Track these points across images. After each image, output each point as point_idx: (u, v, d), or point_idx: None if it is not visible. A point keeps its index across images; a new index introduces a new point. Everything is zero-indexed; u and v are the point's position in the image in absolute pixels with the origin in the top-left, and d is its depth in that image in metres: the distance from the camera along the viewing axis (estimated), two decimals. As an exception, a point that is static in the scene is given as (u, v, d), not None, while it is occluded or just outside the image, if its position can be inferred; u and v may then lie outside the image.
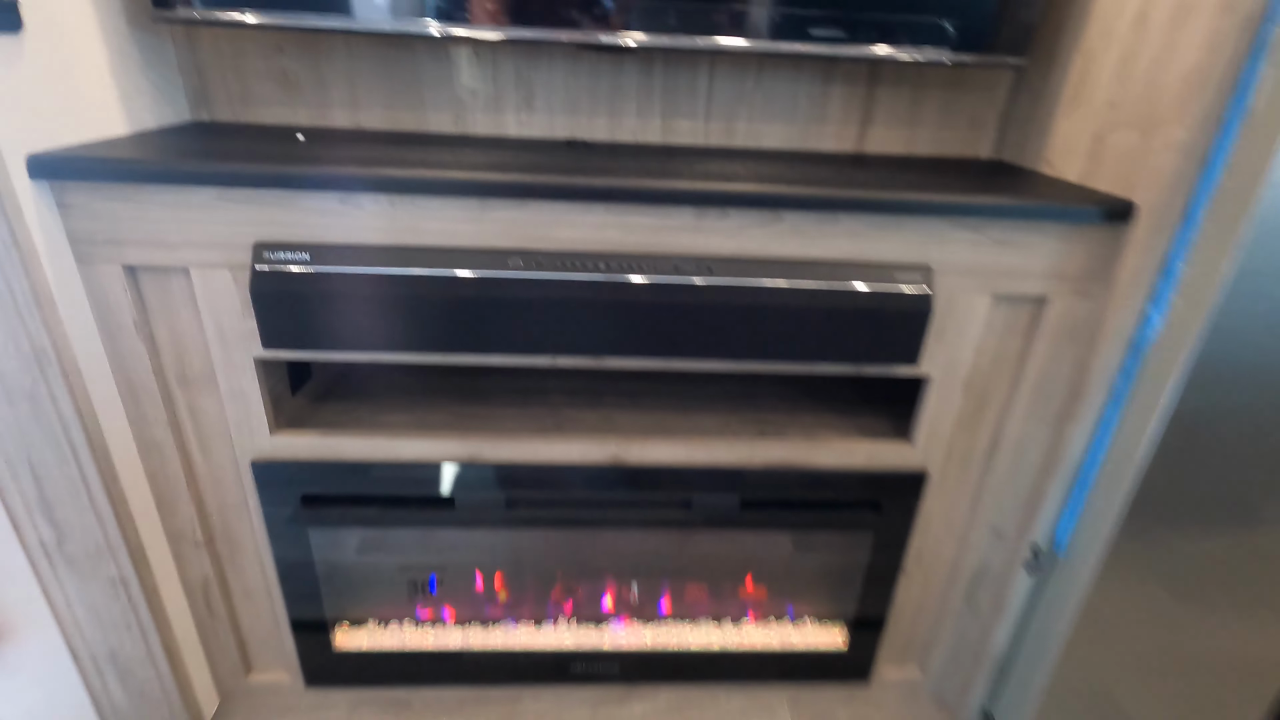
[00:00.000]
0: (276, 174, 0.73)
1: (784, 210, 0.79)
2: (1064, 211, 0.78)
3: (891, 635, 1.12)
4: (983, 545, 1.02)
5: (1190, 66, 0.72)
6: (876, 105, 1.04)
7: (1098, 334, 0.84)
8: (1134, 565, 0.90)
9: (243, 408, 0.86)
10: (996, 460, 0.95)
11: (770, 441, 0.94)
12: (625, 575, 1.10)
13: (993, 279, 0.83)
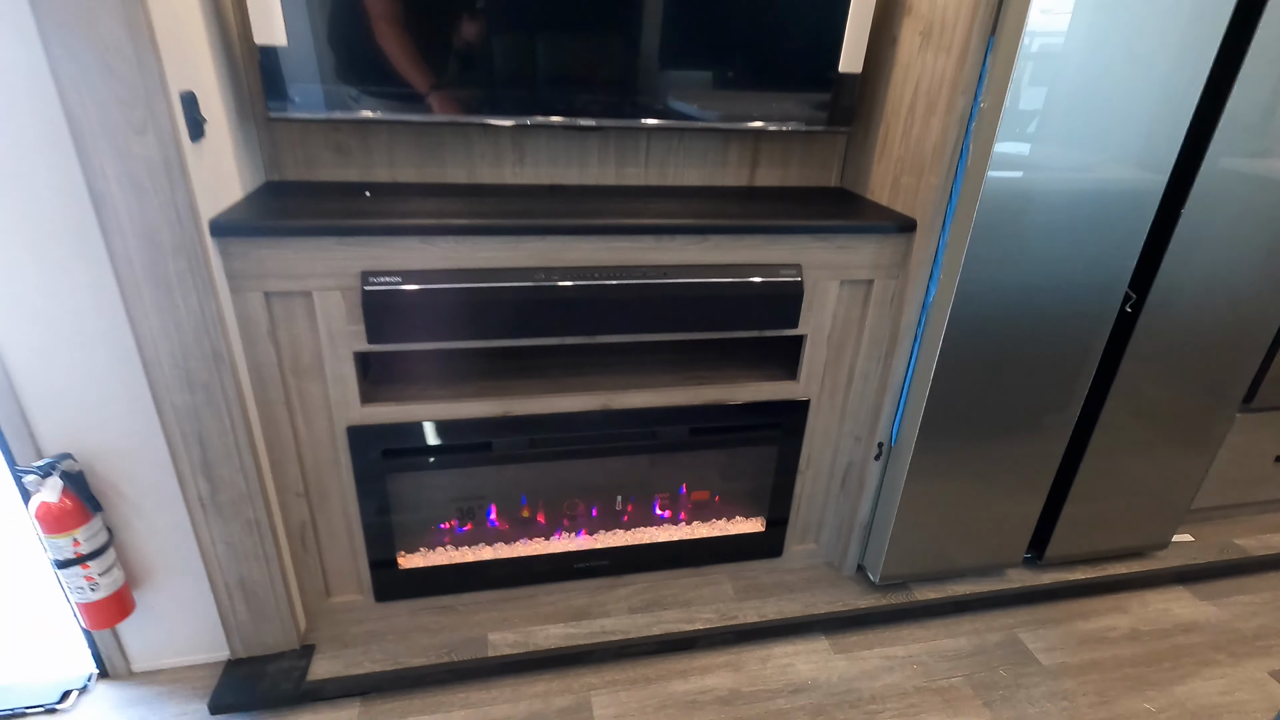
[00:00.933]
0: (378, 226, 1.10)
1: (709, 234, 1.24)
2: (877, 227, 1.28)
3: (794, 520, 1.60)
4: (848, 447, 1.52)
5: (937, 139, 1.23)
6: (761, 154, 1.51)
7: (903, 302, 1.35)
8: (933, 451, 1.42)
9: (341, 389, 1.22)
10: (851, 388, 1.45)
11: (706, 387, 1.39)
12: (612, 492, 1.52)
13: (839, 270, 1.32)
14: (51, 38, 0.85)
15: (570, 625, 1.46)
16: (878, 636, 1.53)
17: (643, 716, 1.31)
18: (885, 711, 1.35)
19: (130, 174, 0.93)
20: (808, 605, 1.54)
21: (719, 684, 1.39)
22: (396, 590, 1.45)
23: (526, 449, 1.36)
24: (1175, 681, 1.45)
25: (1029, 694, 1.41)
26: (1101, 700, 1.40)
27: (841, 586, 1.61)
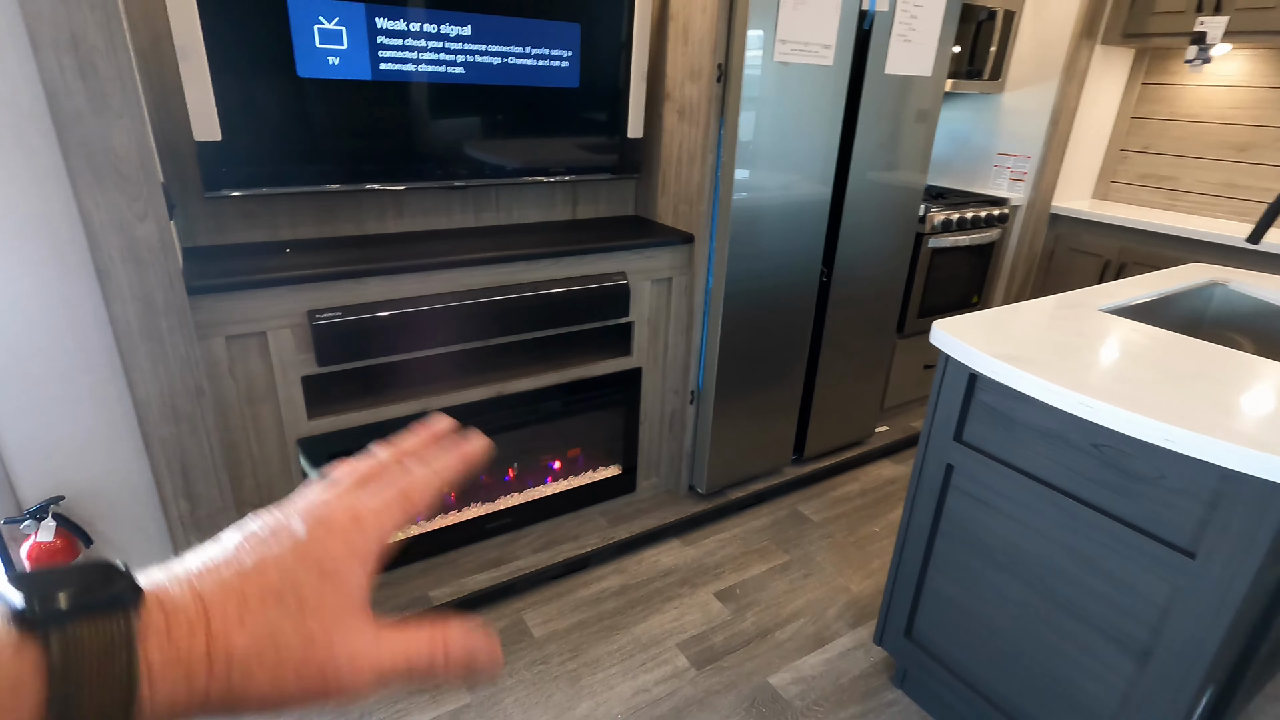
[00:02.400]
0: (322, 273, 1.43)
1: (559, 257, 1.74)
2: (670, 241, 1.88)
3: (641, 461, 2.15)
4: (670, 399, 2.12)
5: (698, 180, 1.86)
6: (579, 196, 2.05)
7: (693, 290, 1.97)
8: (727, 393, 2.07)
9: (291, 408, 1.50)
10: (667, 356, 2.05)
11: (570, 368, 1.88)
12: (508, 461, 1.94)
13: (649, 273, 1.90)
14: (71, 151, 1.10)
15: (492, 571, 1.85)
16: (711, 529, 2.14)
17: (564, 618, 1.76)
18: (725, 569, 1.96)
19: (133, 252, 1.19)
20: (661, 519, 2.10)
21: (612, 584, 1.89)
22: (342, 576, 1.72)
23: (442, 436, 1.74)
24: (887, 512, 2.26)
25: (809, 539, 2.11)
26: (849, 531, 2.15)
27: (681, 502, 2.19)
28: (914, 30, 1.96)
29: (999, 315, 1.40)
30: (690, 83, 1.82)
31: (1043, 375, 1.12)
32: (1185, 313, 1.77)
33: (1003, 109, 2.82)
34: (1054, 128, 2.67)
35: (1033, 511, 1.23)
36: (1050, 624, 1.25)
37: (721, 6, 1.68)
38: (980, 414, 1.30)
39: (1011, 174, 2.82)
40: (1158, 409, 1.01)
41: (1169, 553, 1.05)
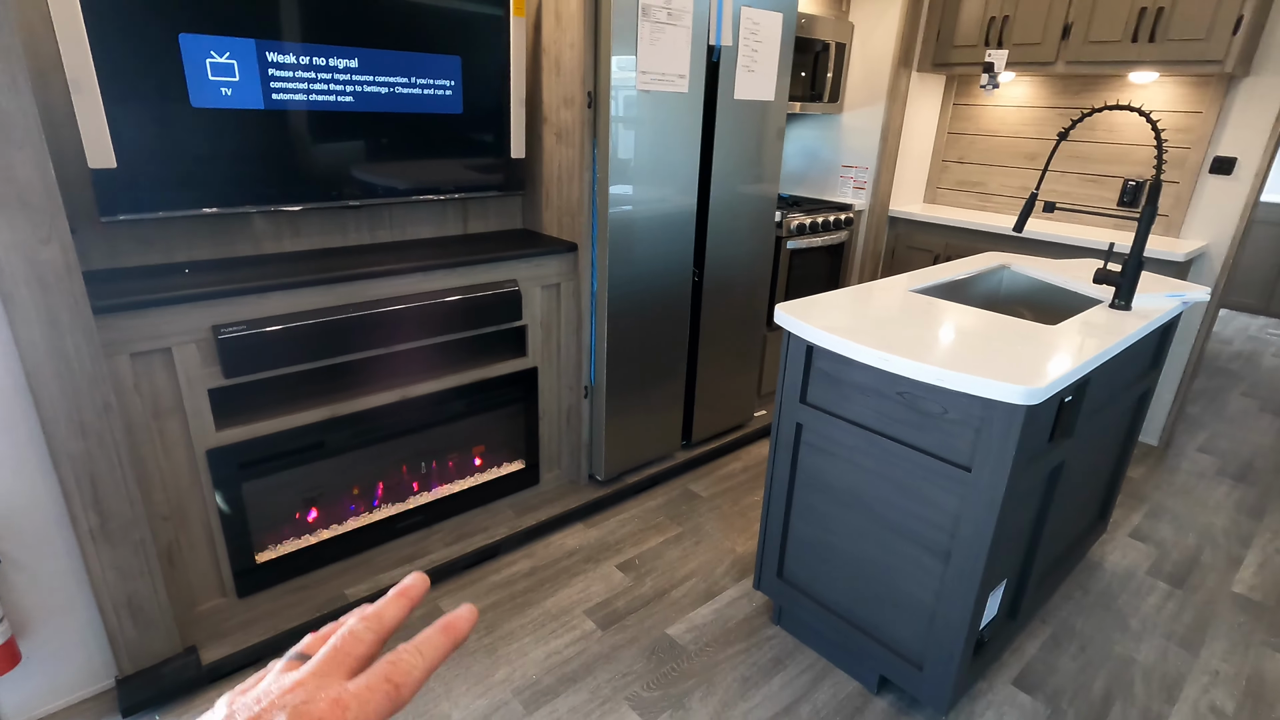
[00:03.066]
0: (225, 289, 1.52)
1: (453, 268, 1.89)
2: (556, 250, 2.08)
3: (543, 455, 2.32)
4: (567, 395, 2.31)
5: (577, 196, 2.07)
6: (469, 212, 2.21)
7: (580, 294, 2.18)
8: (618, 387, 2.28)
9: (199, 420, 1.57)
10: (561, 355, 2.24)
11: (471, 370, 2.03)
12: (417, 461, 2.06)
13: (539, 279, 2.09)
14: (-27, 181, 1.16)
15: (406, 566, 1.96)
16: (611, 512, 2.34)
17: (479, 601, 1.90)
18: (625, 544, 2.16)
19: (39, 275, 1.25)
20: (564, 506, 2.28)
21: (522, 567, 2.05)
22: (257, 584, 1.78)
23: (351, 441, 1.84)
24: (767, 483, 2.54)
25: (699, 512, 2.36)
26: (733, 503, 2.42)
27: (582, 490, 2.38)
28: (756, 62, 2.27)
29: (830, 298, 1.69)
30: (565, 108, 2.03)
31: (858, 341, 1.40)
32: (983, 290, 2.16)
33: (843, 127, 3.23)
34: (884, 143, 3.10)
35: (861, 453, 1.52)
36: (881, 544, 1.54)
37: (587, 42, 1.91)
38: (818, 378, 1.58)
39: (854, 183, 3.23)
40: (938, 359, 1.31)
41: (955, 470, 1.36)
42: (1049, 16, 2.72)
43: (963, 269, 2.08)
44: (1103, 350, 1.42)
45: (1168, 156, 2.78)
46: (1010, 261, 2.20)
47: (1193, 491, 2.66)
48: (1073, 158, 3.05)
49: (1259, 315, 5.20)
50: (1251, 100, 2.57)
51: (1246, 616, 1.98)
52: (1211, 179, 2.70)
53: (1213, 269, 2.74)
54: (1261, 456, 2.98)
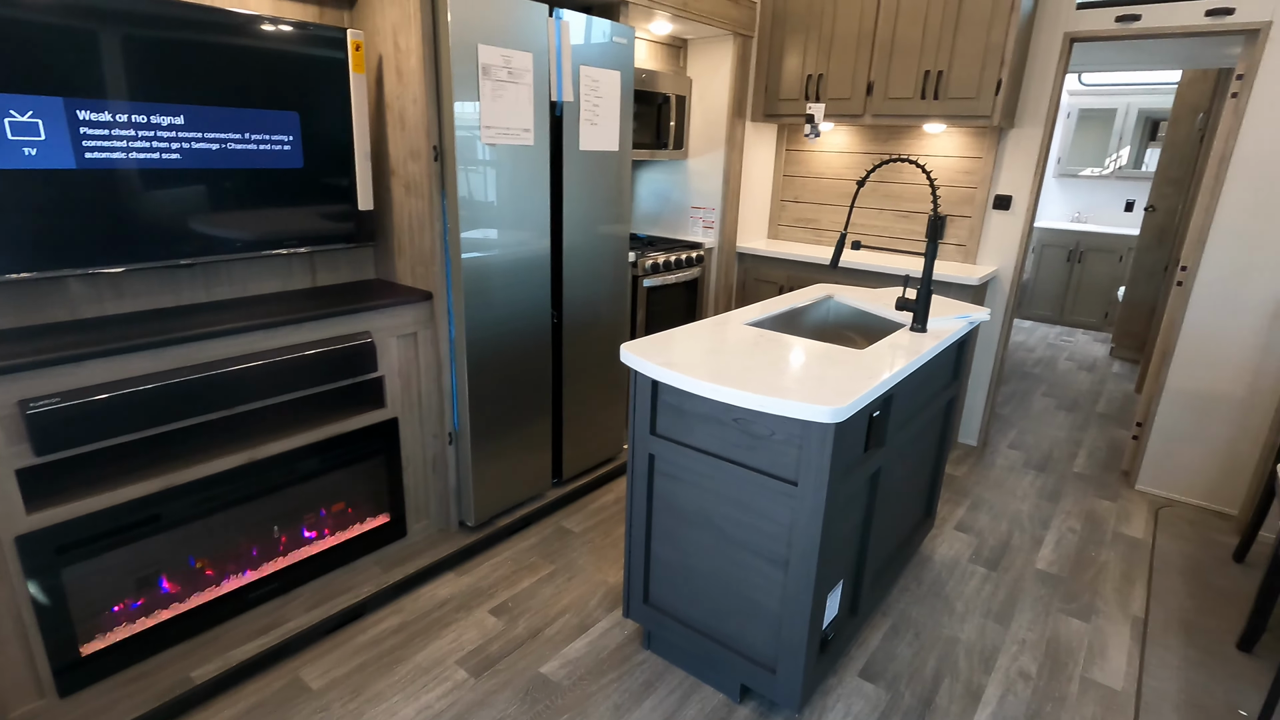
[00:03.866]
0: (31, 361, 1.42)
1: (300, 323, 1.86)
2: (409, 300, 2.09)
3: (410, 506, 2.29)
4: (431, 443, 2.29)
5: (429, 245, 2.10)
6: (318, 264, 2.17)
7: (438, 342, 2.19)
8: (483, 430, 2.30)
9: (5, 504, 1.44)
10: (422, 403, 2.23)
11: (326, 426, 1.98)
12: (268, 526, 1.96)
13: (394, 330, 2.08)
14: None
15: (261, 638, 1.86)
16: (484, 557, 2.34)
17: (344, 665, 1.84)
18: (498, 588, 2.16)
19: None
20: (434, 556, 2.25)
21: (390, 624, 2.00)
22: (83, 680, 1.62)
23: (192, 510, 1.74)
24: (637, 513, 2.64)
25: (572, 548, 2.40)
26: (605, 535, 2.49)
27: (453, 538, 2.36)
28: (598, 115, 2.42)
29: (673, 335, 1.83)
30: (412, 161, 2.07)
31: (695, 375, 1.53)
32: (814, 319, 2.40)
33: (690, 171, 3.47)
34: (726, 185, 3.36)
35: (707, 476, 1.64)
36: (731, 559, 1.66)
37: (429, 98, 1.96)
38: (665, 411, 1.70)
39: (703, 223, 3.47)
40: (762, 387, 1.46)
41: (785, 485, 1.51)
42: (854, 76, 3.09)
43: (795, 300, 2.31)
44: (901, 369, 1.64)
45: (961, 194, 3.22)
46: (835, 292, 2.46)
47: (1004, 483, 3.04)
48: (886, 196, 3.45)
49: (1055, 325, 6.03)
50: (1018, 147, 3.05)
51: (1047, 589, 2.30)
52: (995, 213, 3.16)
53: (1003, 289, 3.18)
54: (1058, 448, 3.45)
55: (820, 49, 3.17)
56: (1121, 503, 2.91)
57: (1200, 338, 2.79)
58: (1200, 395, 2.83)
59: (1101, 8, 2.77)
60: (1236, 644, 2.04)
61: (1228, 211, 2.66)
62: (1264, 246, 2.61)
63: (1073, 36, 2.85)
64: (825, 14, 3.12)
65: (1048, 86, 2.94)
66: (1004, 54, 2.72)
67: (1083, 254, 5.79)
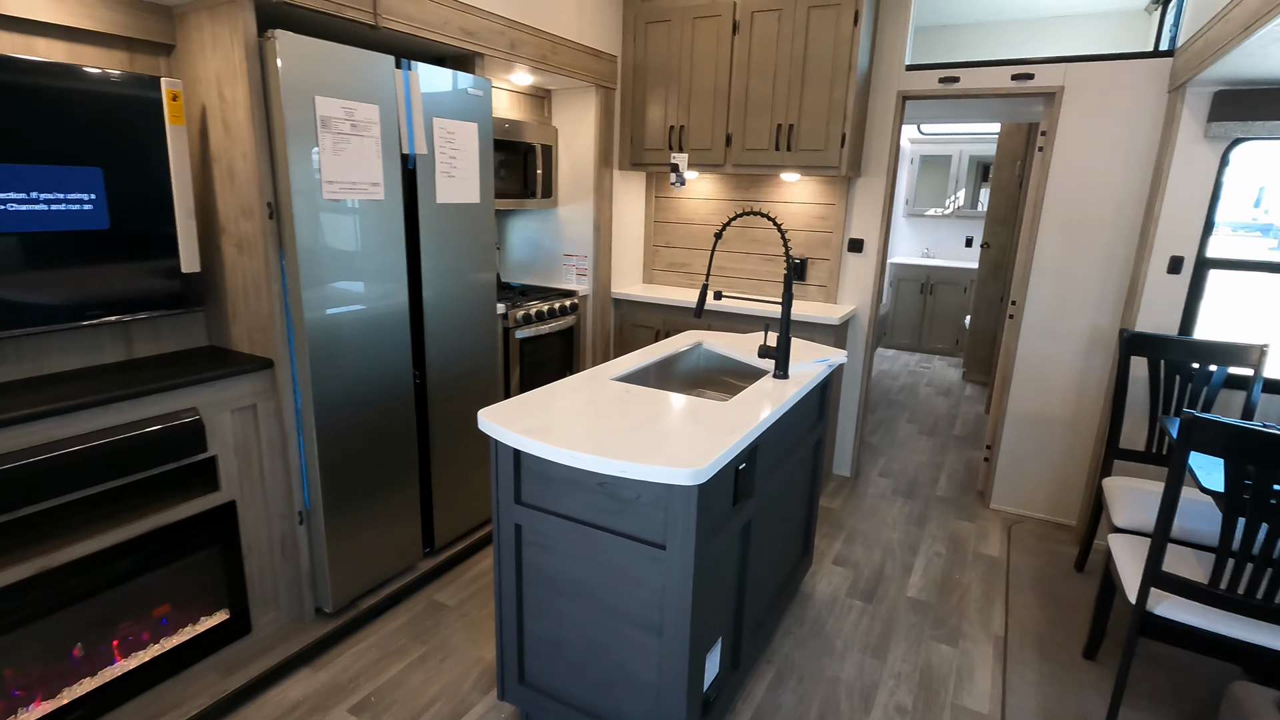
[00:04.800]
0: None
1: (107, 405, 1.63)
2: (244, 370, 1.90)
3: (254, 598, 2.05)
4: (278, 524, 2.07)
5: (267, 308, 1.92)
6: (134, 335, 1.93)
7: (281, 413, 2.00)
8: (339, 506, 2.11)
9: None
10: (265, 480, 2.02)
11: (146, 518, 1.74)
12: (74, 641, 1.67)
13: (228, 403, 1.88)
14: None
15: (60, 781, 1.57)
16: (345, 646, 2.12)
17: (167, 799, 1.58)
18: (360, 680, 1.96)
19: None
20: (285, 653, 2.01)
21: (229, 740, 1.75)
22: None
23: (-39, 638, 1.45)
24: (517, 577, 2.51)
25: (446, 625, 2.23)
26: (482, 606, 2.34)
27: (308, 628, 2.13)
28: (456, 167, 2.35)
29: (536, 396, 1.76)
30: (244, 219, 1.90)
31: (555, 441, 1.46)
32: (685, 368, 2.41)
33: (561, 219, 3.45)
34: (598, 233, 3.37)
35: (577, 545, 1.57)
36: (607, 630, 1.59)
37: (260, 152, 1.82)
38: (529, 478, 1.61)
39: (577, 271, 3.45)
40: (621, 451, 1.41)
41: (654, 550, 1.46)
42: (714, 128, 3.21)
43: (666, 349, 2.31)
44: (764, 419, 1.66)
45: (819, 239, 3.40)
46: (705, 339, 2.49)
47: (876, 512, 3.17)
48: (753, 241, 3.59)
49: (915, 352, 6.49)
50: (866, 194, 3.27)
51: (918, 616, 2.38)
52: (850, 256, 3.35)
53: (863, 326, 3.37)
54: (922, 472, 3.66)
55: (680, 102, 3.27)
56: (979, 523, 3.10)
57: (1032, 365, 3.06)
58: (1037, 417, 3.09)
59: (927, 70, 3.04)
60: (1083, 653, 2.20)
61: (1044, 252, 2.95)
62: (1074, 284, 2.92)
63: (905, 94, 3.11)
64: (683, 69, 3.23)
65: (887, 139, 3.17)
66: (846, 110, 2.91)
67: (933, 286, 6.30)
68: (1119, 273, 2.83)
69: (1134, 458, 2.56)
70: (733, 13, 3.06)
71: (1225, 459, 1.56)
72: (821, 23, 2.89)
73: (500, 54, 2.58)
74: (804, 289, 3.49)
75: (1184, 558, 1.89)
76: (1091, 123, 2.79)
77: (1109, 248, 2.83)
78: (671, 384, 2.34)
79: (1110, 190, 2.80)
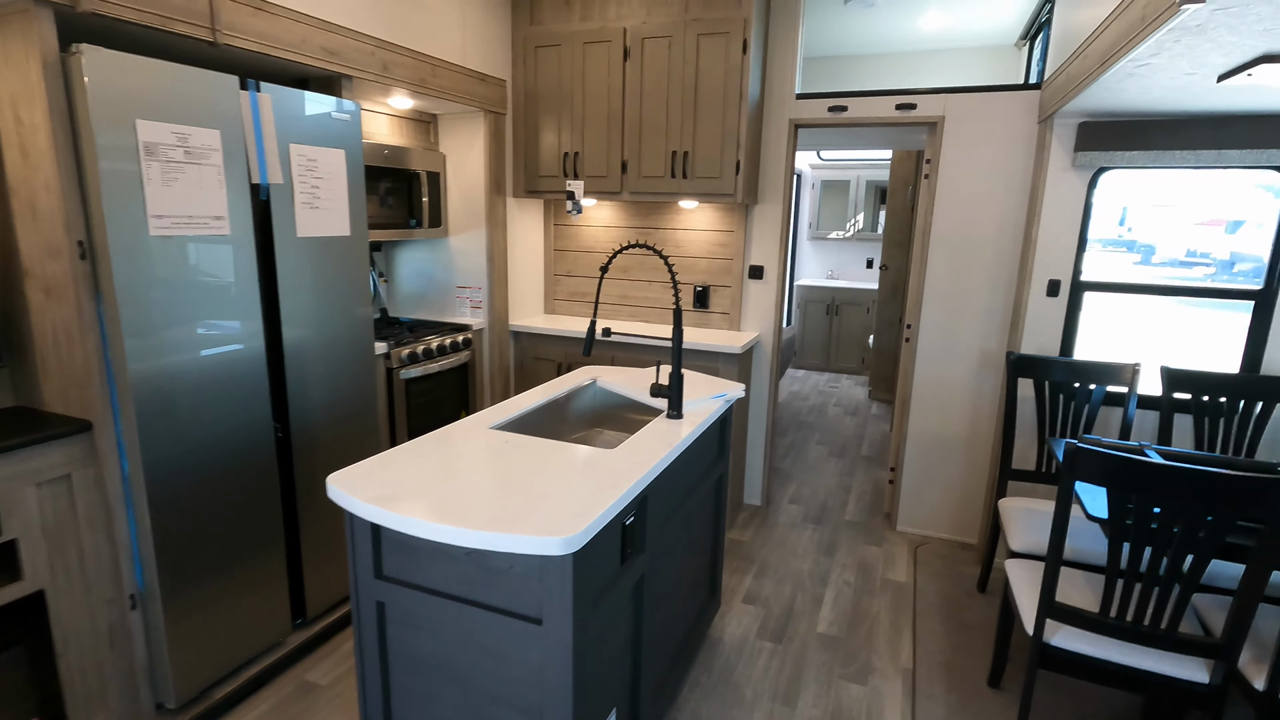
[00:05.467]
0: None
1: None
2: (54, 435, 1.62)
3: (72, 701, 1.74)
4: (104, 611, 1.78)
5: (83, 362, 1.66)
6: (-92, 398, 1.62)
7: (104, 482, 1.72)
8: (180, 584, 1.84)
9: None
10: (85, 562, 1.73)
11: (-90, 626, 1.43)
12: None
13: (33, 475, 1.59)
14: None
15: None
16: (189, 747, 1.84)
17: None
18: (203, 791, 1.69)
19: None
20: (113, 764, 1.72)
21: None
22: None
23: None
24: (403, 644, 2.27)
25: (317, 708, 1.98)
26: (360, 682, 2.09)
27: (145, 730, 1.83)
28: (319, 198, 2.14)
29: (399, 453, 1.57)
30: (50, 260, 1.63)
31: (412, 510, 1.29)
32: (579, 408, 2.27)
33: (453, 250, 3.27)
34: (492, 263, 3.20)
35: (447, 622, 1.39)
36: (481, 715, 1.41)
37: (67, 184, 1.57)
38: (391, 548, 1.43)
39: (471, 303, 3.27)
40: (491, 518, 1.26)
41: (529, 625, 1.31)
42: (609, 155, 3.13)
43: (559, 388, 2.17)
44: (654, 467, 1.54)
45: (720, 265, 3.36)
46: (600, 375, 2.37)
47: (787, 542, 3.12)
48: (655, 268, 3.51)
49: (824, 372, 6.62)
50: (764, 221, 3.26)
51: (828, 654, 2.31)
52: (752, 283, 3.33)
53: (766, 353, 3.34)
54: (831, 496, 3.66)
55: (574, 128, 3.17)
56: (887, 546, 3.10)
57: (929, 386, 3.10)
58: (936, 438, 3.13)
59: (817, 99, 3.08)
60: (988, 681, 2.18)
61: (934, 276, 3.02)
62: (964, 307, 2.99)
63: (796, 122, 3.13)
64: (575, 95, 3.14)
65: (781, 166, 3.18)
66: (739, 137, 2.89)
67: (838, 307, 6.45)
68: (1004, 295, 2.92)
69: (1026, 477, 2.60)
70: (623, 39, 3.00)
71: (1107, 488, 1.56)
72: (711, 50, 2.87)
73: (371, 76, 2.40)
74: (707, 317, 3.44)
75: (1080, 584, 1.89)
76: (972, 151, 2.88)
77: (993, 272, 2.92)
78: (567, 425, 2.20)
79: (992, 216, 2.89)
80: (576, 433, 2.26)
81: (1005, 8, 3.72)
